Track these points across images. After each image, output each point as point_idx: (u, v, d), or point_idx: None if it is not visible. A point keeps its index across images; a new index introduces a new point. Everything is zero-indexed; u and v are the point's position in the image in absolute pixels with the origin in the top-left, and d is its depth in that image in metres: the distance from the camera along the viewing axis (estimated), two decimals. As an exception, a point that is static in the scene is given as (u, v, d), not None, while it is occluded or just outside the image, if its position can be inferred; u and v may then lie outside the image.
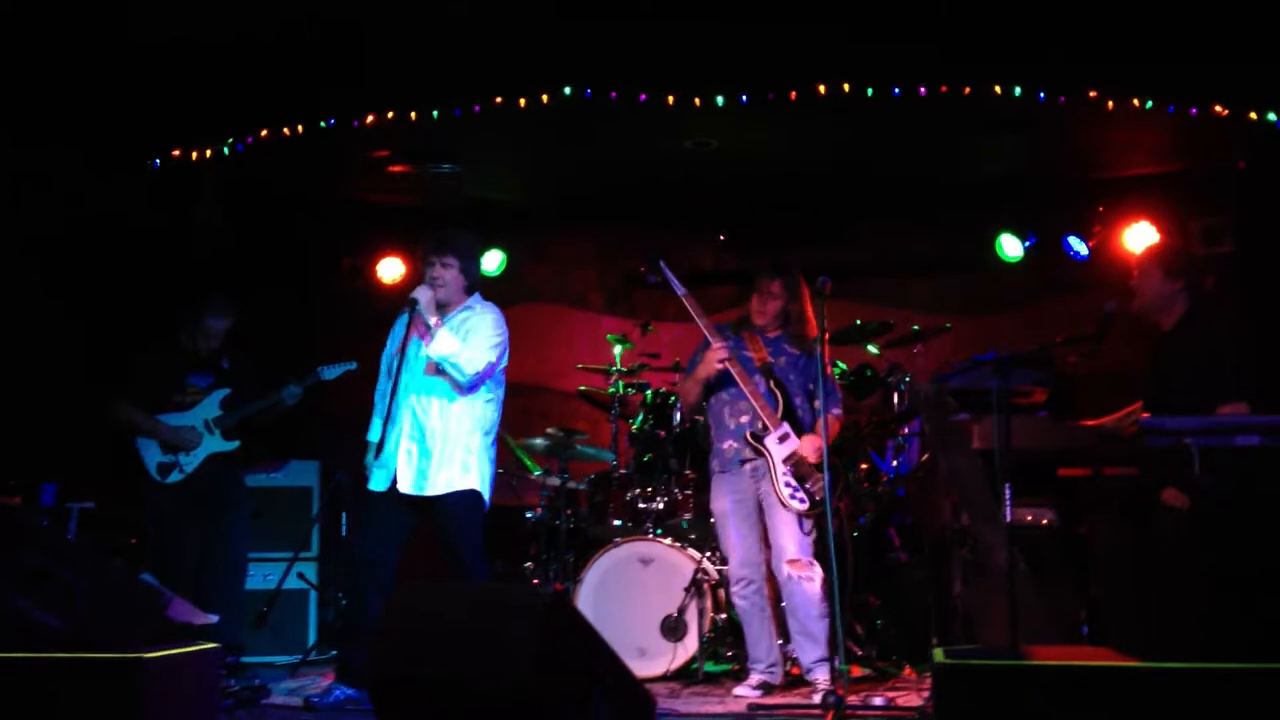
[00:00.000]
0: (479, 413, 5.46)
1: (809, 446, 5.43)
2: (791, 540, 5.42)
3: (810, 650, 5.40)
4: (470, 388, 5.40)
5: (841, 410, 5.82)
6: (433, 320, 5.34)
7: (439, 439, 5.36)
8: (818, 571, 5.39)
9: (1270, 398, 4.66)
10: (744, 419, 5.54)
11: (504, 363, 5.56)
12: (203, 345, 6.32)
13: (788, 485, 5.41)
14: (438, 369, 5.38)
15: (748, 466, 5.53)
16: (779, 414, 5.49)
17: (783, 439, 5.46)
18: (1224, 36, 5.95)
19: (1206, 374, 4.83)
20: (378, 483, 5.40)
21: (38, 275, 6.82)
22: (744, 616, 5.61)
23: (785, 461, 5.43)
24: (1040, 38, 6.05)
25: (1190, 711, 3.56)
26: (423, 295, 5.38)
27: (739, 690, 5.49)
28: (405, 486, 5.36)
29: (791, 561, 5.40)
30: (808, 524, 5.40)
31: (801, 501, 5.39)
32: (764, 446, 5.45)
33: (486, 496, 5.49)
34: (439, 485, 5.34)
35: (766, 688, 5.50)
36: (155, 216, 7.23)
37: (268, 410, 6.35)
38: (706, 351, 5.53)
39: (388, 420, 5.31)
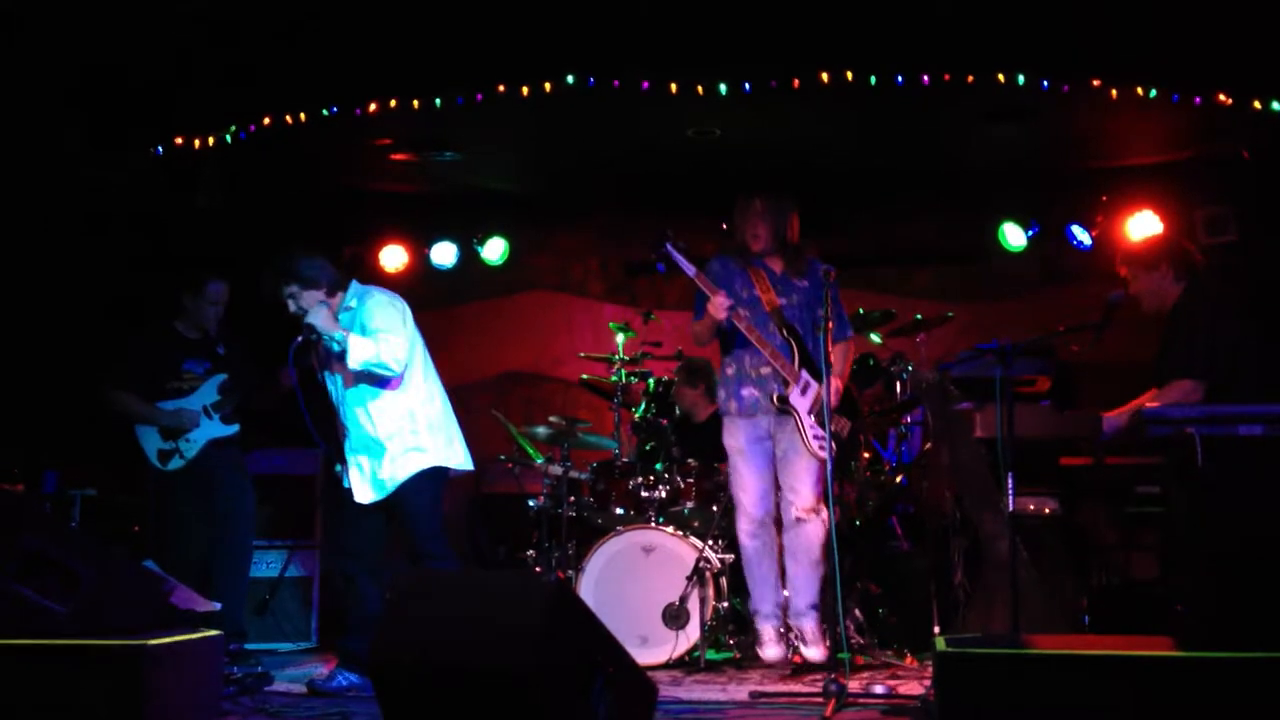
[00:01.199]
0: (404, 394, 5.40)
1: (836, 392, 5.56)
2: (808, 486, 5.55)
3: (803, 594, 5.54)
4: (400, 378, 5.34)
5: (852, 330, 5.93)
6: (340, 334, 5.22)
7: (380, 441, 5.35)
8: (825, 517, 5.50)
9: (1274, 386, 4.66)
10: (765, 370, 5.60)
11: (410, 328, 5.43)
12: (211, 315, 6.27)
13: (815, 437, 5.52)
14: (358, 377, 5.33)
15: (768, 415, 5.59)
16: (796, 363, 5.57)
17: (804, 389, 5.56)
18: (1228, 25, 5.94)
19: (1178, 353, 4.89)
20: (346, 481, 5.48)
21: (40, 264, 6.83)
22: (754, 558, 5.67)
23: (810, 412, 5.54)
24: (1044, 26, 6.03)
25: (1190, 699, 3.56)
26: (315, 318, 5.25)
27: (769, 654, 5.57)
28: (366, 498, 5.37)
29: (805, 507, 5.53)
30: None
31: (821, 444, 5.50)
32: (790, 405, 5.54)
33: (456, 462, 5.47)
34: (398, 480, 5.35)
35: (784, 637, 5.61)
36: (157, 205, 7.23)
37: (265, 393, 6.35)
38: (708, 303, 5.46)
39: (341, 435, 5.41)
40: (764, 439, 5.64)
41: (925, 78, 6.20)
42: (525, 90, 6.37)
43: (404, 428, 5.36)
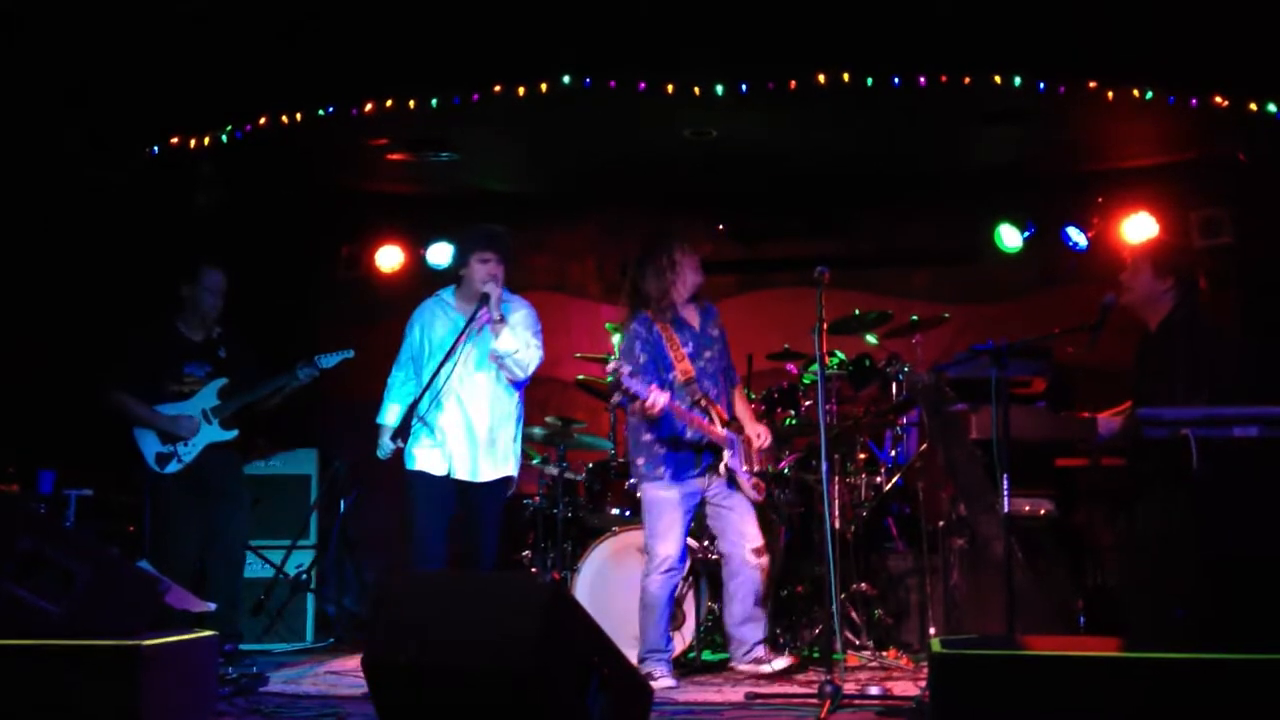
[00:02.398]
0: (517, 402, 5.82)
1: (760, 439, 5.66)
2: (754, 527, 5.58)
3: (756, 631, 5.57)
4: (522, 383, 5.75)
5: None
6: (498, 315, 5.60)
7: (488, 428, 5.68)
8: (767, 560, 5.62)
9: (1269, 389, 4.66)
10: (702, 441, 5.54)
11: None
12: (209, 304, 6.28)
13: (753, 485, 5.61)
14: (497, 363, 5.67)
15: (701, 477, 5.58)
16: (718, 423, 5.54)
17: (733, 448, 5.57)
18: (1224, 27, 5.95)
19: (1178, 379, 4.83)
20: (434, 467, 5.66)
21: (37, 261, 6.82)
22: (661, 603, 5.51)
23: (744, 467, 5.59)
24: (1041, 27, 6.04)
25: (1186, 701, 3.56)
26: (494, 292, 5.63)
27: (661, 683, 5.34)
28: (461, 474, 5.65)
29: (755, 549, 5.53)
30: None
31: (759, 489, 5.64)
32: (732, 470, 5.55)
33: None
34: (490, 471, 5.69)
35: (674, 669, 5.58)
36: (155, 203, 7.22)
37: (265, 399, 6.35)
38: (645, 404, 5.30)
39: (420, 406, 5.55)
40: (693, 492, 5.57)
41: (922, 79, 6.20)
42: (522, 90, 6.37)
43: (506, 429, 5.77)
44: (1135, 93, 6.34)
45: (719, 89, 6.32)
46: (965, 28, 6.05)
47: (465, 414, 5.68)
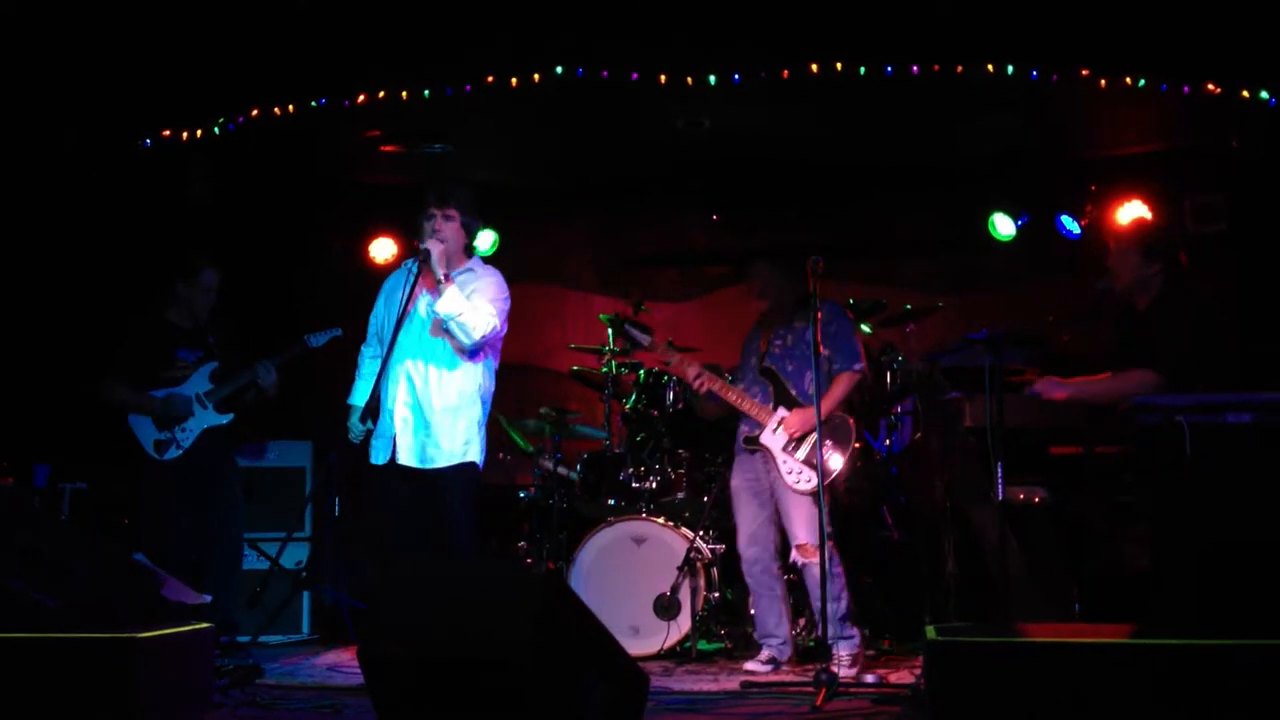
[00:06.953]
0: (478, 381, 5.29)
1: (793, 422, 5.52)
2: (801, 525, 5.45)
3: (827, 628, 5.36)
4: (473, 352, 5.22)
5: (863, 364, 5.71)
6: (442, 274, 5.10)
7: (439, 409, 5.15)
8: (821, 559, 5.40)
9: (1263, 374, 4.67)
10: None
11: (504, 329, 5.38)
12: (202, 302, 6.30)
13: (790, 471, 5.48)
14: (441, 330, 5.16)
15: (758, 454, 5.63)
16: (770, 403, 5.60)
17: (776, 428, 5.55)
18: (1216, 14, 5.95)
19: (1172, 349, 4.83)
20: (377, 455, 5.20)
21: (28, 253, 6.81)
22: (753, 591, 5.70)
23: (785, 449, 5.51)
24: (1033, 15, 6.04)
25: (1181, 687, 3.57)
26: (434, 248, 5.12)
27: (750, 665, 5.54)
28: (405, 458, 5.14)
29: (799, 546, 5.45)
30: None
31: (809, 481, 5.42)
32: (760, 445, 5.55)
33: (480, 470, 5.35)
34: (440, 458, 5.15)
35: (775, 663, 5.56)
36: (146, 194, 7.21)
37: (256, 382, 6.35)
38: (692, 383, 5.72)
39: (380, 384, 5.07)
40: (756, 479, 5.64)
41: (915, 68, 6.19)
42: (514, 81, 6.35)
43: (462, 411, 5.20)
44: (1127, 80, 6.33)
45: (712, 79, 6.30)
46: (958, 17, 6.04)
47: (414, 391, 5.15)
